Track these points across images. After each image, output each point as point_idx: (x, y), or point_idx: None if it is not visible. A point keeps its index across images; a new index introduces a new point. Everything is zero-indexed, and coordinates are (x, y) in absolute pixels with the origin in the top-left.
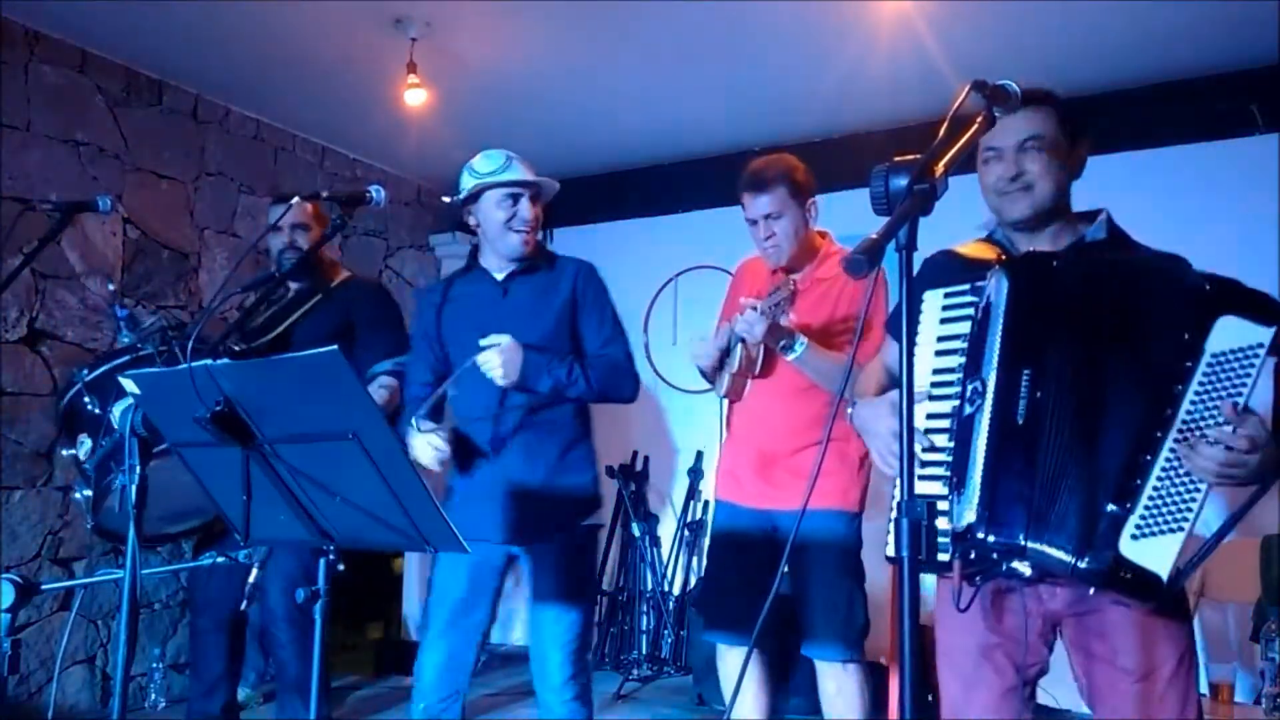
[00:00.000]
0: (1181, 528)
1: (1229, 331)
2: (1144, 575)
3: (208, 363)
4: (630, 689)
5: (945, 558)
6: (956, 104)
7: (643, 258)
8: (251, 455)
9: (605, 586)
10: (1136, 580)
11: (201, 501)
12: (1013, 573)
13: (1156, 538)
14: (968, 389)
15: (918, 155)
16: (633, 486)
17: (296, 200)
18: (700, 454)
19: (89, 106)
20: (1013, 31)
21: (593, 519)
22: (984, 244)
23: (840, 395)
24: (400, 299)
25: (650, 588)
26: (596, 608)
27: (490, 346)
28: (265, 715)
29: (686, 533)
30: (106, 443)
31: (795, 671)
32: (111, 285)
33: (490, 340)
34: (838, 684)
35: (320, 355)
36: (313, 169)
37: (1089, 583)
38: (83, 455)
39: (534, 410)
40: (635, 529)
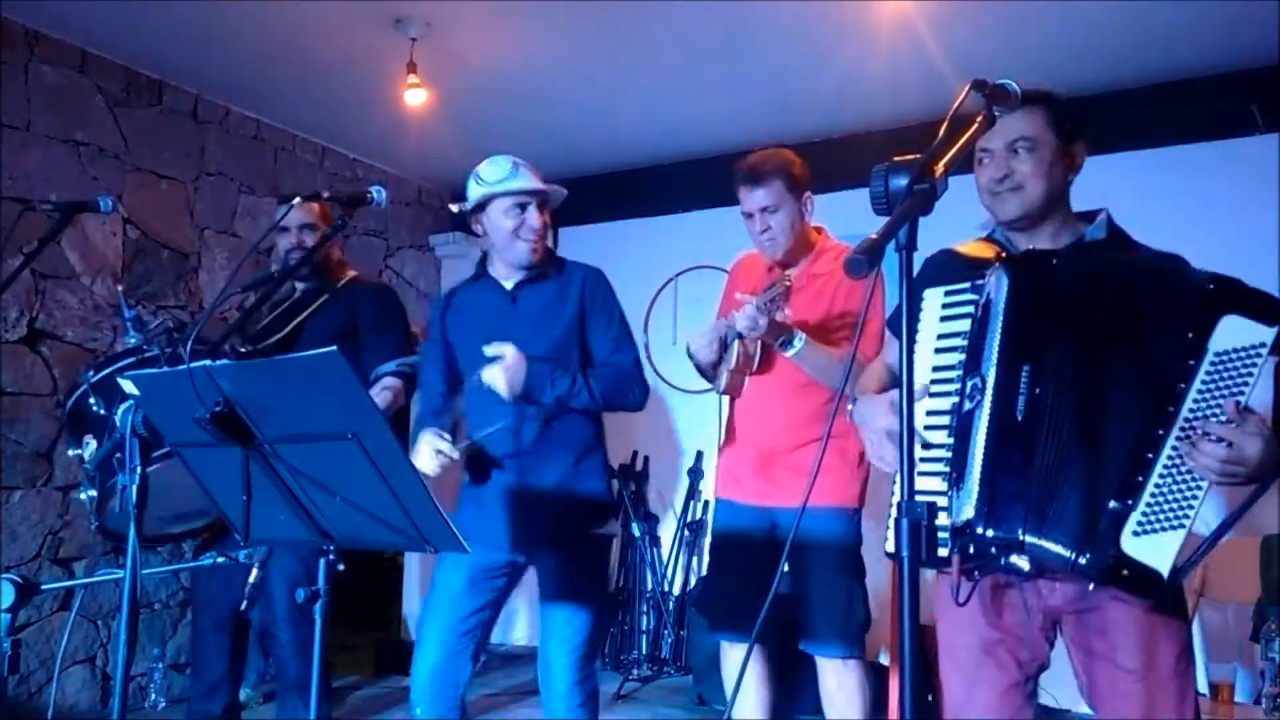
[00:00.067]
0: (1183, 525)
1: (1232, 331)
2: (1145, 572)
3: (207, 363)
4: (630, 689)
5: (945, 553)
6: (956, 104)
7: (643, 258)
8: (251, 455)
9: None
10: (1137, 577)
11: (207, 502)
12: (1011, 568)
13: (1158, 535)
14: (967, 385)
15: (918, 155)
16: (633, 486)
17: (298, 200)
18: (700, 454)
19: (89, 106)
20: (1013, 31)
21: (606, 528)
22: (984, 243)
23: (840, 391)
24: (401, 299)
25: (650, 588)
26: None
27: (495, 359)
28: (265, 715)
29: (686, 533)
30: (108, 443)
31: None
32: (120, 286)
33: (494, 351)
34: (838, 680)
35: (319, 356)
36: (313, 169)
37: (1089, 578)
38: (88, 456)
39: (549, 420)
40: (635, 529)
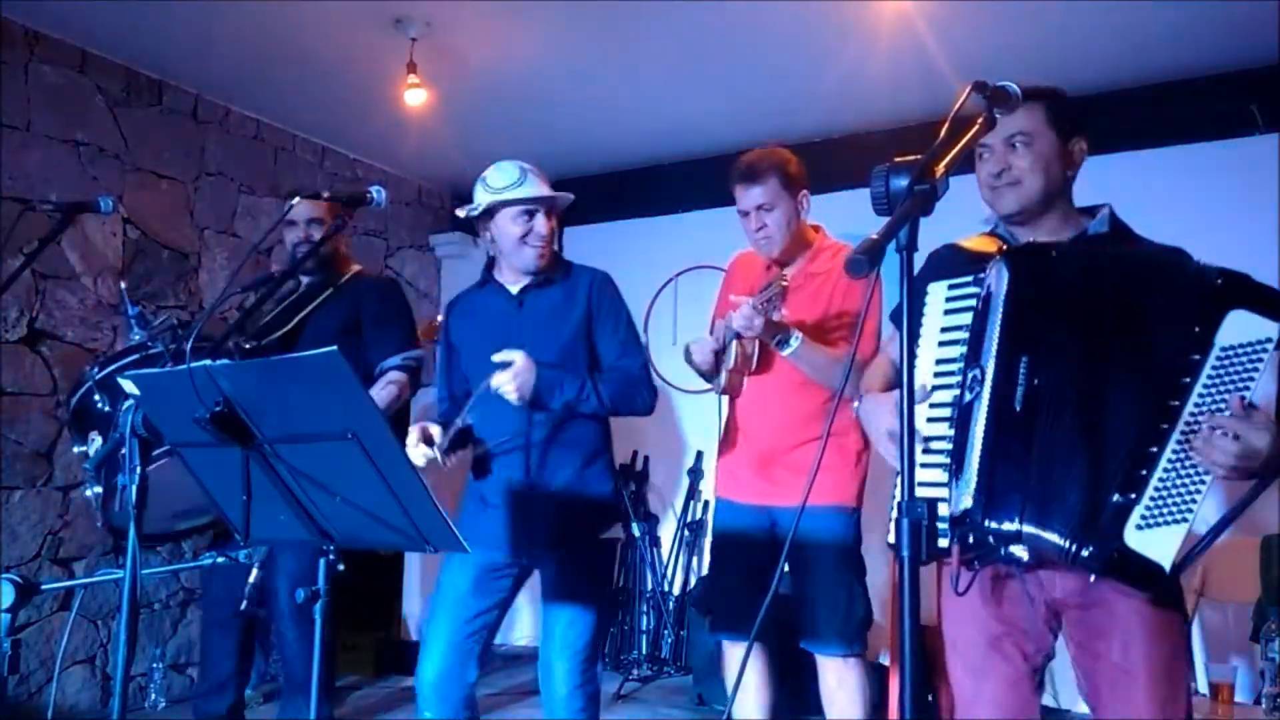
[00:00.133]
0: (1185, 519)
1: (1239, 325)
2: (1147, 565)
3: (207, 363)
4: (630, 689)
5: (945, 543)
6: (957, 105)
7: (643, 258)
8: (251, 455)
9: None
10: (1139, 570)
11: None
12: (1010, 557)
13: (1161, 528)
14: (968, 377)
15: (918, 155)
16: (633, 486)
17: (298, 200)
18: (700, 454)
19: (89, 106)
20: (1013, 31)
21: (611, 532)
22: (987, 237)
23: (840, 391)
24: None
25: (650, 588)
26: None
27: (504, 365)
28: (266, 715)
29: (686, 533)
30: (110, 441)
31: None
32: (124, 284)
33: (503, 357)
34: (839, 678)
35: (320, 356)
36: (313, 169)
37: (1091, 570)
38: (93, 453)
39: (558, 423)
40: (635, 529)
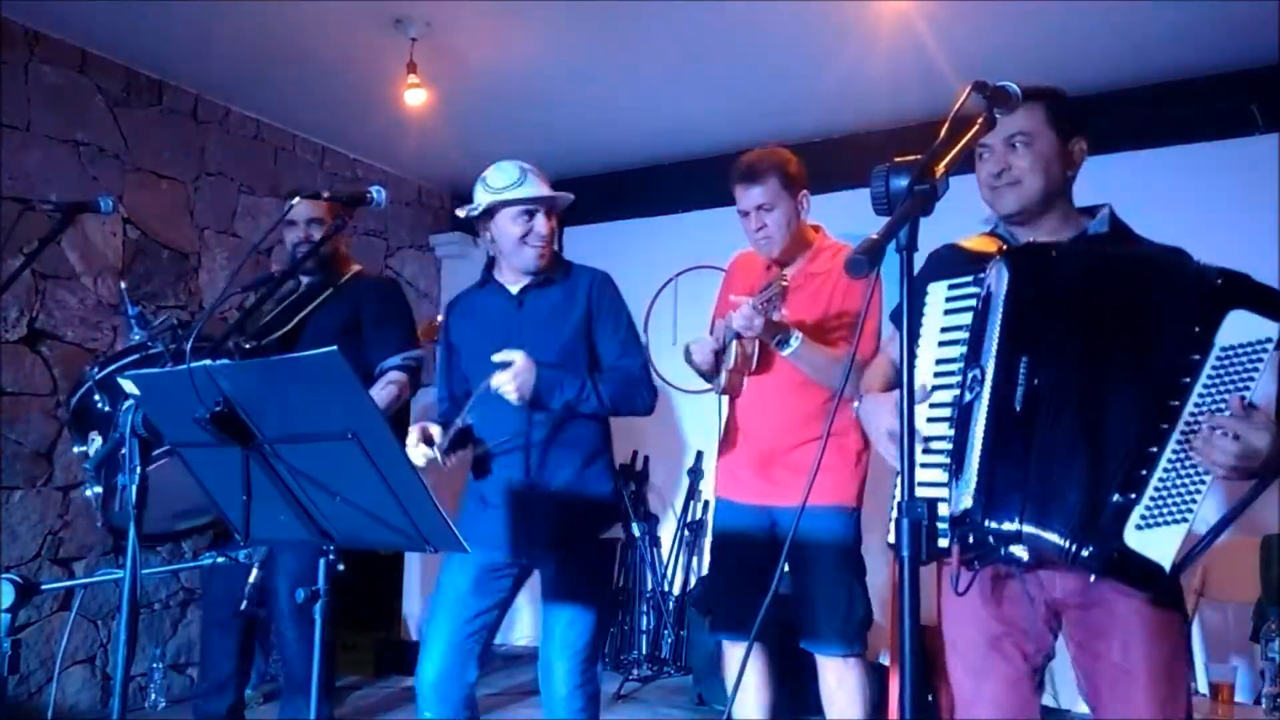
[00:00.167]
0: (1185, 519)
1: (1239, 325)
2: (1147, 565)
3: (207, 363)
4: (630, 689)
5: (945, 543)
6: (957, 105)
7: (643, 258)
8: (251, 455)
9: None
10: (1139, 569)
11: None
12: (1010, 557)
13: (1161, 528)
14: (968, 377)
15: (918, 155)
16: (633, 486)
17: (298, 200)
18: (700, 454)
19: (89, 106)
20: (1013, 31)
21: (611, 532)
22: (987, 237)
23: (840, 391)
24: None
25: (650, 588)
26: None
27: (504, 365)
28: (266, 715)
29: (686, 533)
30: (110, 441)
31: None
32: (124, 284)
33: (503, 357)
34: (839, 678)
35: (319, 356)
36: (313, 169)
37: (1091, 570)
38: (93, 453)
39: (558, 423)
40: (635, 529)
